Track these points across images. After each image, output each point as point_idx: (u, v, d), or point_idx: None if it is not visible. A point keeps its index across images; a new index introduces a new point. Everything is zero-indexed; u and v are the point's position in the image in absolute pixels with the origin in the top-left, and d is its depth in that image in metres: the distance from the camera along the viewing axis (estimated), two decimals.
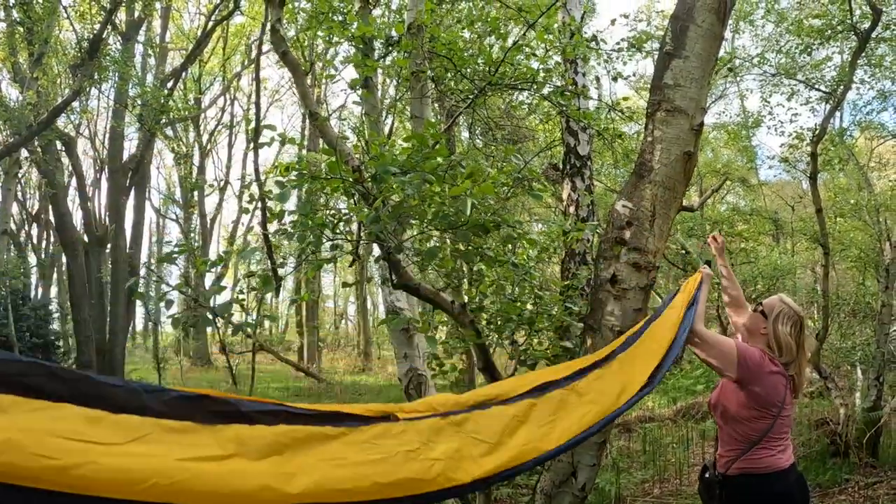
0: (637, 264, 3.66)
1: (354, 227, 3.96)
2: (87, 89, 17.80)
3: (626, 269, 3.68)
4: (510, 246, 4.02)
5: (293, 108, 33.55)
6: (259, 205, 5.24)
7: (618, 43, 8.10)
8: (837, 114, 18.10)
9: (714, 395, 3.80)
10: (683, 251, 15.96)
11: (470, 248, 3.62)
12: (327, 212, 3.73)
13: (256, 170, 6.77)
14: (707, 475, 3.73)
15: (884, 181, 18.51)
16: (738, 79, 18.45)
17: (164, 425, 2.37)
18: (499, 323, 4.27)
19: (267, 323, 44.36)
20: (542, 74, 5.51)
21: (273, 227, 4.78)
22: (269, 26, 4.88)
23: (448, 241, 4.22)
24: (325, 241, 3.66)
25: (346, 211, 3.74)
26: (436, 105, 9.92)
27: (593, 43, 6.89)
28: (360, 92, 8.01)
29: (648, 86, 4.09)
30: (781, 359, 3.61)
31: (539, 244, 4.62)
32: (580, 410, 3.04)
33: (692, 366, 17.35)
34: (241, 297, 4.02)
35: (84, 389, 2.29)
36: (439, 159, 3.25)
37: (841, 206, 18.41)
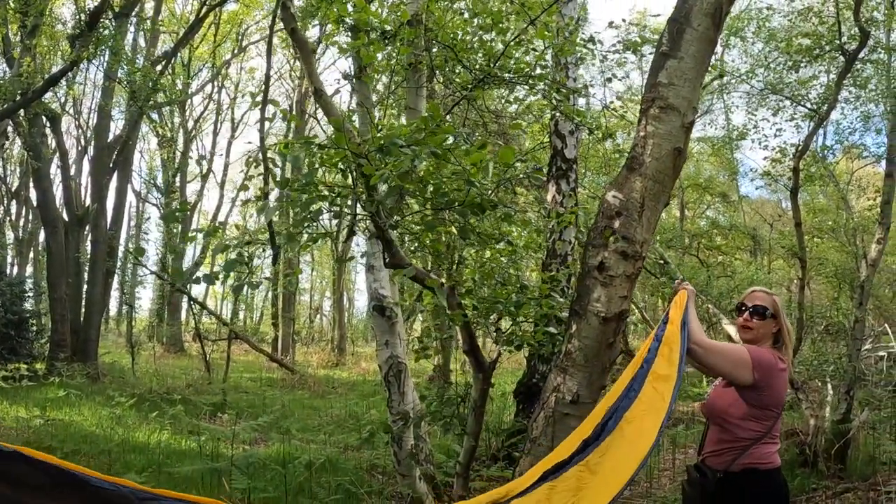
0: (625, 253, 3.79)
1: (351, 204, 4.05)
2: (83, 62, 17.74)
3: (614, 257, 3.80)
4: (506, 226, 4.12)
5: (281, 98, 33.43)
6: (262, 172, 5.31)
7: (614, 45, 8.25)
8: (821, 132, 18.40)
9: (711, 401, 3.78)
10: (662, 261, 16.12)
11: (467, 225, 3.72)
12: (326, 185, 3.80)
13: (262, 140, 6.86)
14: (699, 476, 3.70)
15: (863, 202, 18.81)
16: (726, 94, 18.69)
17: None
18: (486, 307, 4.38)
19: (241, 314, 44.27)
20: (538, 70, 5.64)
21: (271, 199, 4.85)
22: (281, 2, 4.98)
23: (445, 220, 4.31)
24: (323, 212, 3.73)
25: (343, 186, 3.81)
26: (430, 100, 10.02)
27: (590, 44, 7.02)
28: (354, 83, 8.09)
29: (637, 96, 4.23)
30: (786, 353, 3.69)
31: (532, 226, 4.72)
32: (596, 488, 3.07)
33: None
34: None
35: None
36: (447, 137, 3.33)
37: (819, 225, 18.72)
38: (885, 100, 11.62)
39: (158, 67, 21.08)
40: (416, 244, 4.19)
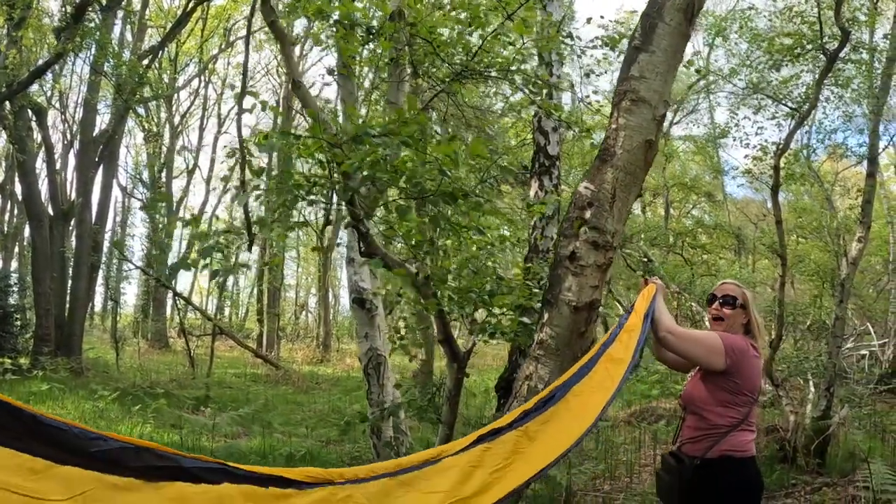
0: (596, 243, 3.84)
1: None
2: (68, 54, 17.68)
3: (585, 246, 3.84)
4: (477, 215, 4.14)
5: (268, 95, 33.35)
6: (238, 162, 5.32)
7: (592, 40, 8.27)
8: (805, 131, 18.51)
9: (688, 390, 3.83)
10: (646, 259, 16.23)
11: (439, 213, 3.75)
12: (302, 175, 3.84)
13: (239, 130, 6.87)
14: (675, 463, 3.71)
15: (845, 202, 18.94)
16: (710, 94, 18.79)
17: (106, 481, 2.36)
18: (459, 296, 4.41)
19: (227, 310, 44.18)
20: (516, 64, 5.67)
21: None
22: None
23: (417, 209, 4.34)
24: (299, 200, 3.76)
25: (320, 176, 3.84)
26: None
27: (568, 39, 7.06)
28: (336, 77, 8.10)
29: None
30: (758, 341, 3.75)
31: (504, 217, 4.75)
32: (531, 454, 3.09)
33: (648, 371, 17.61)
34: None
35: (32, 430, 2.29)
36: (418, 128, 3.38)
37: (803, 225, 18.84)
38: (867, 101, 11.72)
39: (145, 62, 21.01)
40: (392, 233, 4.21)
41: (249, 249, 9.79)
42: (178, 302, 21.57)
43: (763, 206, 26.87)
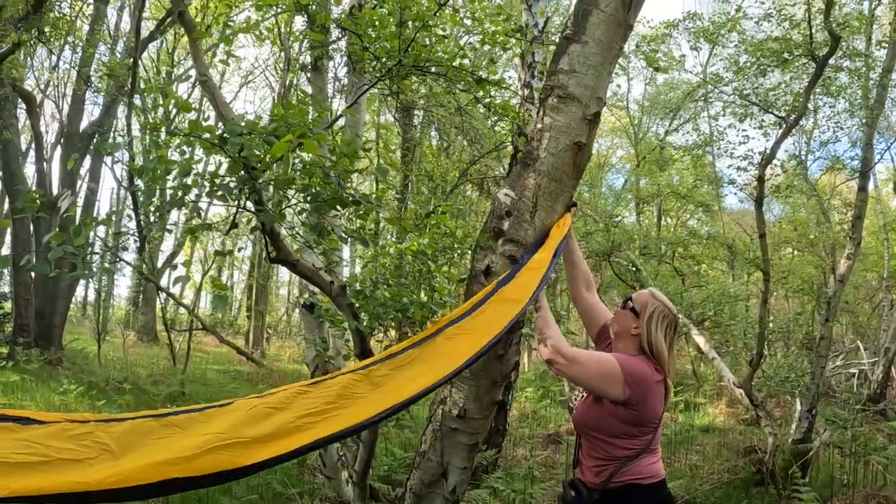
0: (513, 257, 3.41)
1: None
2: (32, 44, 17.38)
3: (501, 261, 3.42)
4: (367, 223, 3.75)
5: (265, 91, 33.02)
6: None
7: (555, 33, 7.88)
8: (802, 143, 18.14)
9: (579, 413, 3.43)
10: (634, 268, 15.84)
11: (320, 219, 3.41)
12: (197, 173, 3.46)
13: (128, 126, 6.53)
14: (574, 494, 3.33)
15: (839, 216, 18.57)
16: (709, 103, 18.37)
17: None
18: (372, 308, 4.03)
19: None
20: (457, 60, 5.26)
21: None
22: None
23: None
24: (190, 201, 3.39)
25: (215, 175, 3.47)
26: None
27: (517, 34, 6.68)
28: (309, 75, 7.81)
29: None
30: (663, 367, 3.27)
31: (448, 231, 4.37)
32: (372, 399, 2.72)
33: None
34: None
35: None
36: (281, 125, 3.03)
37: (797, 238, 18.46)
38: (860, 112, 11.33)
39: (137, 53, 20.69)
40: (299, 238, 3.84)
41: (140, 252, 9.43)
42: (160, 295, 21.26)
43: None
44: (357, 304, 4.10)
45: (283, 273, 44.24)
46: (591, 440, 3.32)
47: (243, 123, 3.11)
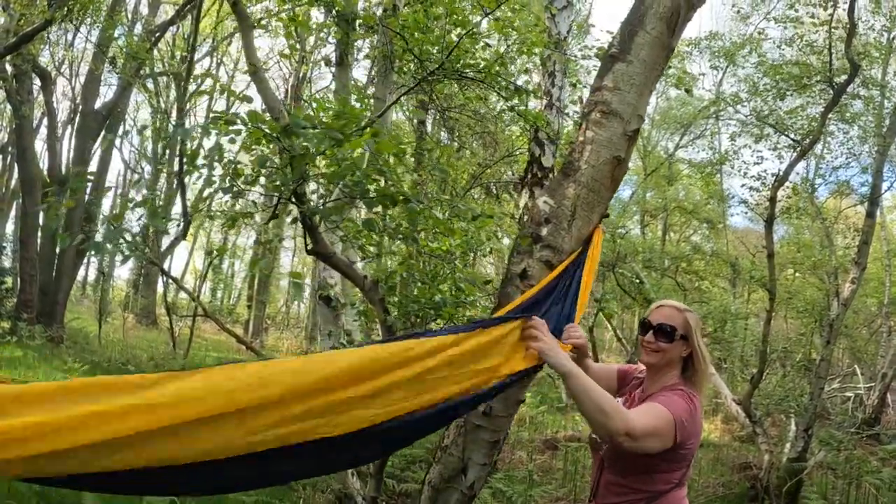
0: (549, 262, 3.55)
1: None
2: (60, 21, 17.45)
3: (538, 265, 3.57)
4: (419, 225, 3.84)
5: (281, 83, 33.03)
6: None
7: (581, 49, 8.01)
8: (809, 165, 18.28)
9: (610, 453, 3.04)
10: (638, 280, 15.94)
11: (376, 215, 3.52)
12: (243, 163, 3.59)
13: (181, 112, 6.62)
14: None
15: (846, 241, 18.69)
16: (720, 119, 18.49)
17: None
18: (406, 305, 4.15)
19: (219, 293, 43.90)
20: (496, 67, 5.39)
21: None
22: None
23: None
24: (236, 189, 3.52)
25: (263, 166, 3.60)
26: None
27: (554, 46, 6.80)
28: (332, 68, 7.91)
29: None
30: (698, 383, 2.99)
31: (467, 232, 4.48)
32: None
33: None
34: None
35: None
36: (351, 122, 3.14)
37: (801, 260, 18.57)
38: (873, 139, 11.48)
39: (156, 36, 20.84)
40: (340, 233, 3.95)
41: (184, 237, 9.53)
42: (164, 279, 21.34)
43: (762, 238, 26.60)
44: (388, 301, 4.21)
45: (285, 265, 44.38)
46: (624, 475, 3.01)
47: (302, 118, 3.21)
